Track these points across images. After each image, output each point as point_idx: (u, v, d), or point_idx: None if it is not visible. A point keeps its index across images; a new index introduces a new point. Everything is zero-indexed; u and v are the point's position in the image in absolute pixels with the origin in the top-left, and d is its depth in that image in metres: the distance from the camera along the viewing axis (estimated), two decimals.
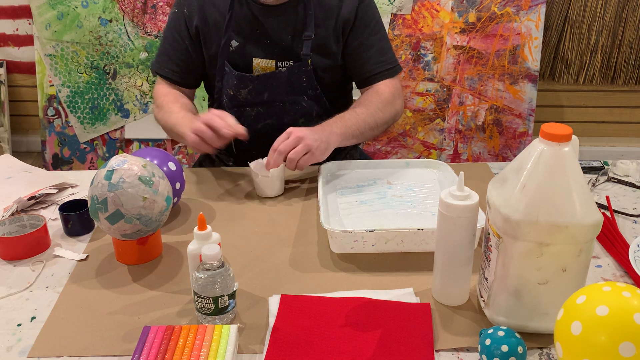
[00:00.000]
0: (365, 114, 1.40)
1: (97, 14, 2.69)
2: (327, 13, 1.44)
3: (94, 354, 0.89)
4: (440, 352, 0.89)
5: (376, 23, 1.48)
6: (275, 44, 1.44)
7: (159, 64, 1.52)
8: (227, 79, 1.47)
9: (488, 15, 2.63)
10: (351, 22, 1.45)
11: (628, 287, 0.74)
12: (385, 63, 1.48)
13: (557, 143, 0.81)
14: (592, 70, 2.86)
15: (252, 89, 1.46)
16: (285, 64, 1.45)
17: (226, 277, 0.91)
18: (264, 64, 1.45)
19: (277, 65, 1.45)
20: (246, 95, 1.47)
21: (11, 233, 1.15)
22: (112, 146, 2.86)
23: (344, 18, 1.44)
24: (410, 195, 1.28)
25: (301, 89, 1.48)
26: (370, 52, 1.47)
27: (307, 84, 1.47)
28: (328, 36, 1.45)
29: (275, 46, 1.44)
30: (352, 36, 1.47)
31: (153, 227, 1.07)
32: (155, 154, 1.21)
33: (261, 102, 1.47)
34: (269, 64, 1.45)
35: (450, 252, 0.94)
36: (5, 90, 2.96)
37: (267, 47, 1.45)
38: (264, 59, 1.45)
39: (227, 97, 1.50)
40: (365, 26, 1.46)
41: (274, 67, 1.45)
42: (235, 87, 1.47)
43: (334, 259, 1.10)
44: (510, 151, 2.79)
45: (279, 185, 1.31)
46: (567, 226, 0.82)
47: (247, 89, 1.46)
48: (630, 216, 1.24)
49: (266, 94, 1.47)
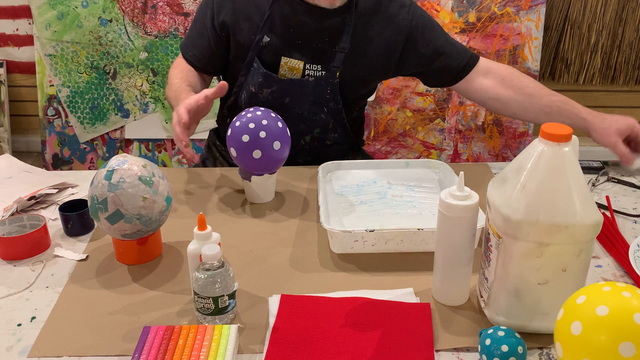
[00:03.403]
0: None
1: (97, 14, 2.69)
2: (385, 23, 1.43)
3: (94, 354, 0.89)
4: (440, 352, 0.89)
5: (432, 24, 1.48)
6: (307, 46, 1.42)
7: (185, 46, 1.51)
8: (252, 75, 1.44)
9: (488, 15, 2.62)
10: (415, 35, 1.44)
11: (628, 287, 0.74)
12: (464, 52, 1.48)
13: (557, 143, 0.81)
14: (592, 70, 2.86)
15: (275, 90, 1.44)
16: (312, 68, 1.43)
17: (226, 277, 0.91)
18: (292, 64, 1.43)
19: (305, 67, 1.43)
20: (267, 96, 1.45)
21: (11, 233, 1.15)
22: (112, 146, 2.86)
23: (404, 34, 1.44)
24: (410, 195, 1.28)
25: (323, 101, 1.45)
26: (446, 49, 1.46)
27: (330, 96, 1.45)
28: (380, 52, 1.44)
29: (307, 48, 1.42)
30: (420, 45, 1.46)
31: (153, 227, 1.07)
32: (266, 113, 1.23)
33: (281, 106, 1.44)
34: (297, 65, 1.42)
35: (450, 252, 0.94)
36: (5, 90, 2.96)
37: (298, 48, 1.42)
38: (293, 59, 1.42)
39: (247, 93, 1.47)
40: (430, 31, 1.46)
41: (301, 68, 1.43)
42: (259, 85, 1.44)
43: (334, 259, 1.10)
44: (510, 151, 2.79)
45: (269, 191, 1.30)
46: (567, 226, 0.82)
47: (270, 89, 1.44)
48: (630, 216, 1.24)
49: (288, 99, 1.44)
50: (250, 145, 1.20)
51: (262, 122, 1.20)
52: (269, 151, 1.21)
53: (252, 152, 1.20)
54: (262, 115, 1.21)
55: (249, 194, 1.30)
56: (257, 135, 1.19)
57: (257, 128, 1.20)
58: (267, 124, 1.20)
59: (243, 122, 1.21)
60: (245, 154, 1.21)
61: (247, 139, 1.19)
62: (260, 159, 1.21)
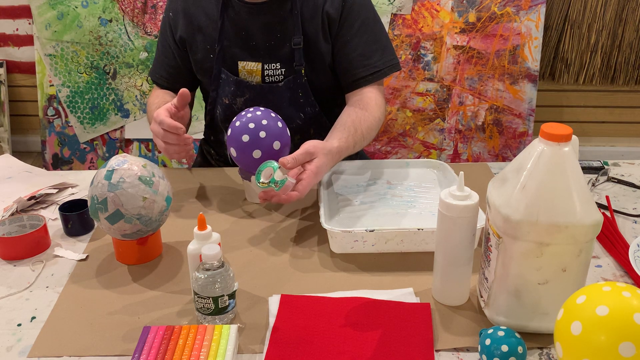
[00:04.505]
0: (361, 138, 1.30)
1: (97, 14, 2.69)
2: (313, 9, 1.38)
3: (94, 354, 0.89)
4: (440, 352, 0.89)
5: (362, 23, 1.38)
6: (260, 46, 1.40)
7: (153, 72, 1.51)
8: (223, 87, 1.43)
9: (488, 15, 2.63)
10: (336, 22, 1.38)
11: (628, 287, 0.74)
12: (369, 67, 1.38)
13: (557, 143, 0.81)
14: (592, 70, 2.87)
15: (248, 98, 1.42)
16: (271, 67, 1.40)
17: (226, 277, 0.91)
18: (250, 67, 1.41)
19: (264, 68, 1.41)
20: (242, 106, 1.42)
21: (11, 233, 1.15)
22: (112, 146, 2.86)
23: (329, 16, 1.38)
24: (410, 195, 1.28)
25: (298, 105, 1.43)
26: (353, 54, 1.38)
27: (304, 100, 1.42)
28: (316, 33, 1.39)
29: (261, 48, 1.40)
30: (337, 36, 1.40)
31: (153, 227, 1.07)
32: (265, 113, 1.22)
33: None
34: (255, 67, 1.41)
35: (450, 252, 0.94)
36: (5, 90, 2.96)
37: (252, 50, 1.40)
38: (250, 62, 1.41)
39: (221, 108, 1.46)
40: (350, 27, 1.38)
41: (260, 69, 1.41)
42: (232, 95, 1.43)
43: (334, 259, 1.10)
44: (510, 151, 2.79)
45: None
46: (567, 226, 0.82)
47: (243, 97, 1.42)
48: (630, 216, 1.24)
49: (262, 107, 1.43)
50: (250, 145, 1.20)
51: (262, 122, 1.20)
52: (269, 151, 1.21)
53: (252, 152, 1.20)
54: (262, 115, 1.21)
55: (249, 194, 1.30)
56: (257, 135, 1.19)
57: (257, 128, 1.20)
58: (267, 124, 1.20)
59: (243, 122, 1.21)
60: (245, 154, 1.21)
61: (247, 139, 1.19)
62: (260, 159, 1.21)
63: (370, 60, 1.39)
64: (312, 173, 1.14)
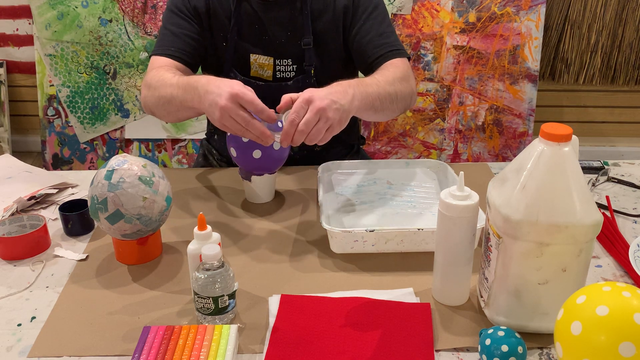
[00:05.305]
0: (386, 82, 1.24)
1: (97, 14, 2.69)
2: (323, 6, 1.40)
3: (94, 354, 0.89)
4: (440, 352, 0.89)
5: (374, 8, 1.40)
6: (273, 41, 1.42)
7: (161, 47, 1.38)
8: None
9: (488, 15, 2.63)
10: (350, 9, 1.40)
11: (628, 287, 0.74)
12: (387, 45, 1.37)
13: (557, 143, 0.81)
14: (592, 70, 2.87)
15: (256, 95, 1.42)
16: (283, 63, 1.43)
17: (226, 277, 0.91)
18: (262, 61, 1.43)
19: (275, 63, 1.43)
20: None
21: (11, 233, 1.15)
22: (112, 146, 2.86)
23: (341, 6, 1.40)
24: (410, 195, 1.28)
25: None
26: (369, 36, 1.38)
27: None
28: (326, 30, 1.41)
29: (273, 43, 1.43)
30: (352, 24, 1.41)
31: (153, 227, 1.07)
32: None
33: None
34: (267, 61, 1.43)
35: (450, 252, 0.94)
36: (5, 90, 2.96)
37: (265, 44, 1.43)
38: (262, 56, 1.43)
39: None
40: (363, 12, 1.40)
41: (272, 64, 1.43)
42: None
43: (334, 259, 1.10)
44: (510, 151, 2.79)
45: (269, 191, 1.30)
46: (567, 226, 0.82)
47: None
48: (630, 216, 1.24)
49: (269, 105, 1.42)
50: (250, 145, 1.20)
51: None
52: (269, 151, 1.21)
53: (252, 152, 1.20)
54: None
55: (249, 194, 1.30)
56: None
57: None
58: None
59: None
60: (245, 154, 1.21)
61: (247, 139, 1.19)
62: (260, 159, 1.21)
63: (388, 40, 1.39)
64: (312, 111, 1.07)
